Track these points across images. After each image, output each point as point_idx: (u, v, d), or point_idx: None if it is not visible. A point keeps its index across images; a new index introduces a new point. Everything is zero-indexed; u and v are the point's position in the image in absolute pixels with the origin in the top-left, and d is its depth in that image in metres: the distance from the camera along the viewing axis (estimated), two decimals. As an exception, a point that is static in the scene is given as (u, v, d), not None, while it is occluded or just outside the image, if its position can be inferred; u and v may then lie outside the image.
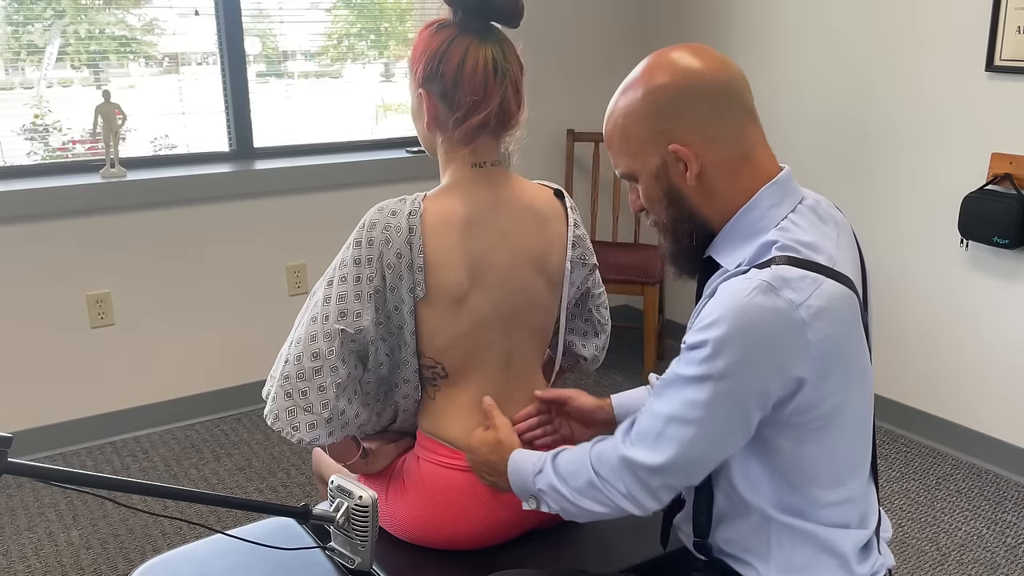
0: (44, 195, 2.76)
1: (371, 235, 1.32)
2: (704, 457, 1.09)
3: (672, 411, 1.07)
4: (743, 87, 1.12)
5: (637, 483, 1.12)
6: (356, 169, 3.28)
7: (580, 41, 3.73)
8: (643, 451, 1.10)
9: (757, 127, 1.14)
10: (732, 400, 1.04)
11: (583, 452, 1.20)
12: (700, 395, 1.04)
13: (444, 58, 1.30)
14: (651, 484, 1.11)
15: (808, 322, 1.01)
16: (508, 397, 1.42)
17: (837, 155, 3.09)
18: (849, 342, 1.06)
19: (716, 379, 1.02)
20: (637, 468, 1.11)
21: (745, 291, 1.01)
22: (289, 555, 1.37)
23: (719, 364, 1.02)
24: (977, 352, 2.81)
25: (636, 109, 1.11)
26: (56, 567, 2.31)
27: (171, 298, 3.05)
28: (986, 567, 2.32)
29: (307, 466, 2.83)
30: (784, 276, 1.02)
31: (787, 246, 1.06)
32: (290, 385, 1.31)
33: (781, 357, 1.01)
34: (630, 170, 1.16)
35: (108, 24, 3.06)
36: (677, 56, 1.12)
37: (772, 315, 1.00)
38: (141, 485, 1.11)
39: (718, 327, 1.01)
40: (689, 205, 1.13)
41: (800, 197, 1.14)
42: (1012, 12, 2.54)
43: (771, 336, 1.01)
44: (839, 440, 1.10)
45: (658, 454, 1.09)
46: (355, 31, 3.57)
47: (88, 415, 2.97)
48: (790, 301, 1.00)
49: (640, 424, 1.13)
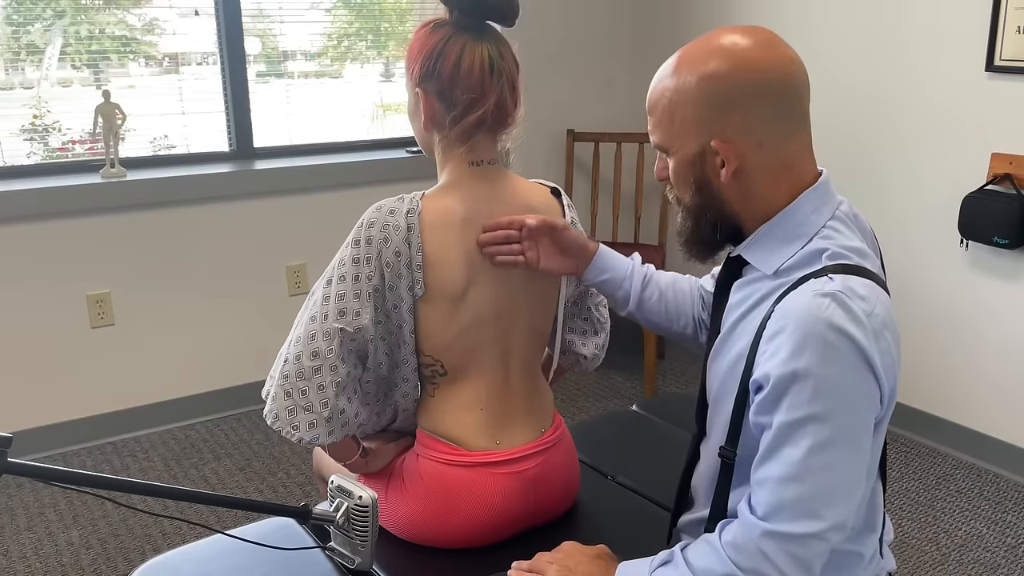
0: (44, 195, 2.76)
1: (370, 234, 1.32)
2: (856, 486, 1.00)
3: (804, 462, 0.97)
4: (803, 91, 1.07)
5: (790, 560, 0.98)
6: (356, 169, 3.28)
7: (580, 41, 3.73)
8: (791, 523, 0.98)
9: (806, 131, 1.09)
10: (853, 420, 0.98)
11: (715, 547, 1.05)
12: (822, 434, 0.96)
13: (440, 57, 1.30)
14: (807, 555, 0.99)
15: (879, 331, 0.99)
16: (507, 395, 1.43)
17: (837, 155, 3.09)
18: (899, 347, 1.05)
19: (830, 410, 0.96)
20: (790, 542, 0.98)
21: (821, 308, 0.97)
22: (289, 555, 1.37)
23: (826, 392, 0.96)
24: (977, 352, 2.81)
25: (688, 90, 1.05)
26: (56, 567, 2.31)
27: (171, 298, 3.05)
28: (986, 567, 2.32)
29: (307, 466, 2.83)
30: (850, 285, 0.99)
31: (838, 253, 1.03)
32: (290, 384, 1.31)
33: (868, 365, 0.99)
34: (665, 144, 1.11)
35: (108, 24, 3.06)
36: (746, 44, 1.05)
37: (856, 327, 0.97)
38: (141, 485, 1.11)
39: (805, 356, 0.96)
40: (718, 199, 1.09)
41: (838, 203, 1.11)
42: (1012, 12, 2.54)
43: (859, 347, 0.97)
44: (876, 447, 1.09)
45: (812, 518, 0.97)
46: (354, 31, 3.57)
47: (88, 415, 2.97)
48: (864, 310, 0.98)
49: (769, 497, 0.99)
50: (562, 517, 1.53)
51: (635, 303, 1.42)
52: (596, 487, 1.63)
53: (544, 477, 1.44)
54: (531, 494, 1.43)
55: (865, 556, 1.14)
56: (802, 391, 0.96)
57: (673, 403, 2.13)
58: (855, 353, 0.97)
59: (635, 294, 1.41)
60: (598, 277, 1.41)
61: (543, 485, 1.45)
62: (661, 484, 1.58)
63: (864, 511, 1.12)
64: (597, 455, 1.74)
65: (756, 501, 1.01)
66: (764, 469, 1.00)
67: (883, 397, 1.02)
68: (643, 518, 1.53)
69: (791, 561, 0.98)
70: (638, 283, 1.42)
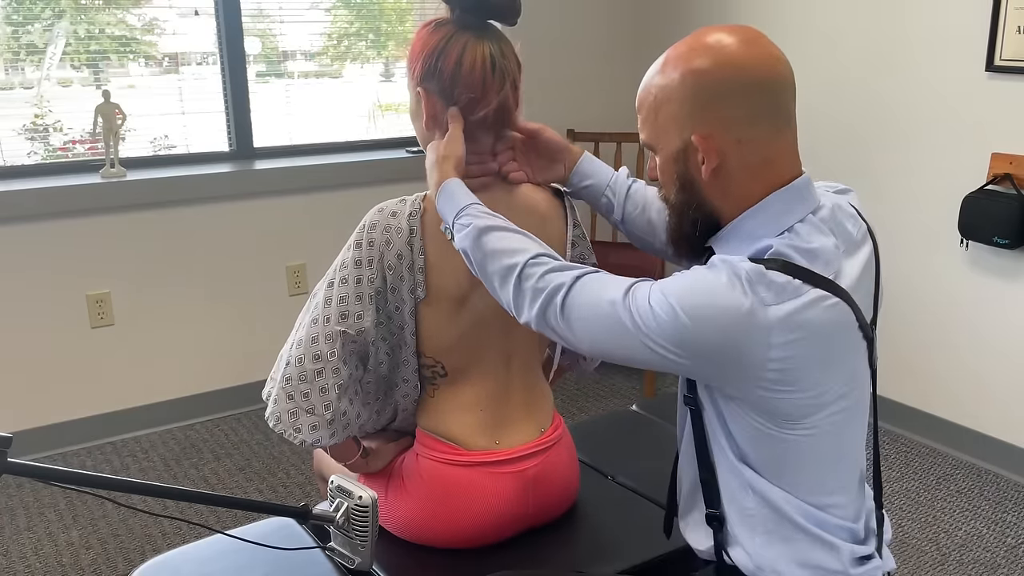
0: (44, 195, 2.76)
1: (372, 236, 1.32)
2: (620, 360, 1.11)
3: (627, 328, 1.06)
4: (787, 90, 1.08)
5: (546, 321, 1.12)
6: (356, 169, 3.28)
7: (580, 41, 3.73)
8: (569, 326, 1.11)
9: (790, 131, 1.10)
10: (686, 364, 1.04)
11: (522, 242, 1.18)
12: (661, 342, 1.03)
13: (442, 56, 1.30)
14: (554, 336, 1.13)
15: (773, 326, 0.99)
16: (507, 396, 1.43)
17: (837, 155, 3.09)
18: (824, 355, 1.04)
19: (677, 341, 1.02)
20: (557, 325, 1.11)
21: (719, 276, 1.01)
22: (289, 555, 1.37)
23: (682, 334, 1.02)
24: (977, 352, 2.81)
25: (672, 86, 1.08)
26: (56, 567, 2.31)
27: (171, 298, 3.05)
28: (986, 567, 2.32)
29: (307, 466, 2.83)
30: (765, 274, 1.00)
31: (781, 252, 1.04)
32: (292, 387, 1.31)
33: (736, 353, 1.01)
34: (651, 142, 1.14)
35: (108, 24, 3.06)
36: (729, 42, 1.06)
37: (743, 312, 0.99)
38: (141, 485, 1.11)
39: (694, 298, 1.01)
40: (700, 195, 1.11)
41: (814, 206, 1.10)
42: (1012, 12, 2.54)
43: (732, 331, 1.00)
44: (809, 446, 1.09)
45: (580, 339, 1.10)
46: (354, 31, 3.57)
47: (88, 415, 2.97)
48: (761, 300, 0.99)
49: (590, 295, 1.10)
50: (562, 517, 1.52)
51: (619, 212, 1.45)
52: (596, 487, 1.63)
53: (544, 477, 1.44)
54: (531, 494, 1.43)
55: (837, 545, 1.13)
56: (665, 318, 1.03)
57: (673, 403, 2.12)
58: (724, 329, 1.00)
59: (618, 203, 1.44)
60: (581, 182, 1.45)
61: (543, 485, 1.45)
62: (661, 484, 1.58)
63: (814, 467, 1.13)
64: (597, 455, 1.74)
65: (577, 269, 1.13)
66: (609, 279, 1.11)
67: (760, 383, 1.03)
68: (643, 518, 1.53)
69: (541, 311, 1.12)
70: (621, 192, 1.44)
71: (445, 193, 1.25)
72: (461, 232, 1.21)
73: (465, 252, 1.21)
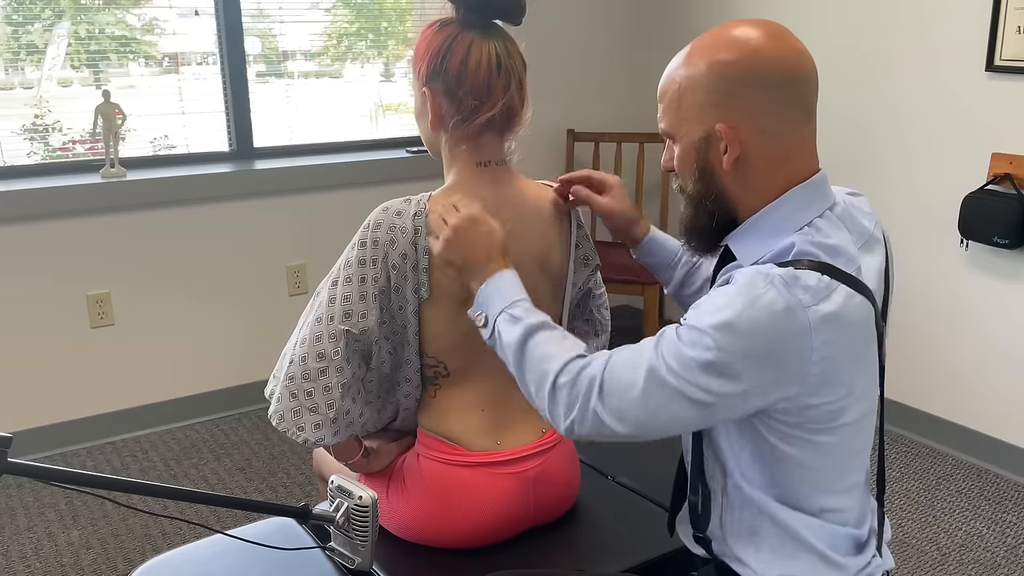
0: (44, 195, 2.76)
1: (376, 235, 1.31)
2: (671, 430, 1.07)
3: (666, 383, 1.03)
4: (810, 83, 1.08)
5: (587, 420, 1.08)
6: (356, 169, 3.28)
7: (581, 41, 3.73)
8: (614, 415, 1.06)
9: (810, 126, 1.10)
10: (733, 390, 1.01)
11: (560, 347, 1.14)
12: (702, 380, 1.01)
13: (447, 55, 1.29)
14: (603, 432, 1.08)
15: (814, 326, 0.99)
16: (509, 397, 1.42)
17: (837, 155, 3.09)
18: (855, 352, 1.04)
19: (721, 368, 0.99)
20: (601, 420, 1.07)
21: (760, 283, 0.99)
22: (289, 555, 1.37)
23: (724, 356, 0.99)
24: (977, 352, 2.81)
25: (698, 76, 1.08)
26: (56, 567, 2.31)
27: (171, 298, 3.05)
28: (986, 567, 2.32)
29: (307, 466, 2.83)
30: (798, 276, 1.00)
31: (805, 251, 1.04)
32: (295, 386, 1.31)
33: (783, 355, 1.00)
34: (672, 130, 1.13)
35: (108, 24, 3.06)
36: (755, 35, 1.07)
37: (783, 312, 0.98)
38: (141, 485, 1.11)
39: (727, 313, 0.99)
40: (718, 186, 1.11)
41: (831, 202, 1.11)
42: (1012, 12, 2.54)
43: (776, 333, 0.99)
44: (832, 447, 1.08)
45: (626, 421, 1.05)
46: (354, 31, 3.57)
47: (88, 415, 2.97)
48: (800, 301, 0.99)
49: (621, 373, 1.06)
50: (562, 517, 1.52)
51: (673, 291, 1.48)
52: (596, 487, 1.63)
53: (545, 477, 1.44)
54: (532, 494, 1.43)
55: (836, 549, 1.13)
56: (707, 340, 1.00)
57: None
58: (769, 333, 0.98)
59: (676, 281, 1.47)
60: (643, 259, 1.48)
61: (544, 485, 1.45)
62: (661, 484, 1.58)
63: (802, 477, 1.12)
64: (597, 455, 1.74)
65: (607, 356, 1.09)
66: (641, 349, 1.07)
67: (801, 386, 1.01)
68: (643, 518, 1.53)
69: (587, 420, 1.07)
70: (680, 273, 1.47)
71: (497, 281, 1.24)
72: (507, 324, 1.19)
73: (505, 344, 1.19)
